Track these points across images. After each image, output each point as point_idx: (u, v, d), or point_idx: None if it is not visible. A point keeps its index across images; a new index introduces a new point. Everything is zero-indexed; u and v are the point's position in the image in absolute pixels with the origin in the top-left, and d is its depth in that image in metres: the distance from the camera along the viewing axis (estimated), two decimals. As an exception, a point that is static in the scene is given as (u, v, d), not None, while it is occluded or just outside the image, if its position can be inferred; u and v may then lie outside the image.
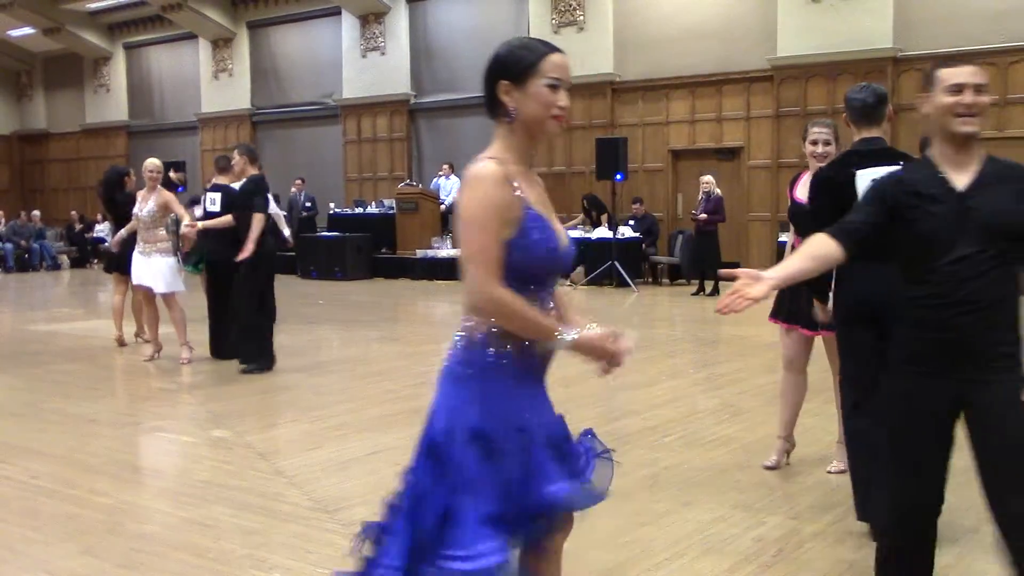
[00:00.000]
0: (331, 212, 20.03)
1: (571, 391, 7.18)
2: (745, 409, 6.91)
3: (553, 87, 2.43)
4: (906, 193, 2.86)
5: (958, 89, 2.80)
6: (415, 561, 2.35)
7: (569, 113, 2.52)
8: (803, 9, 15.79)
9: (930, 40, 14.83)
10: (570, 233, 3.30)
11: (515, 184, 2.39)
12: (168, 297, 8.85)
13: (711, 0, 16.94)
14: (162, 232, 8.92)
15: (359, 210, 19.67)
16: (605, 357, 2.51)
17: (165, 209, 8.88)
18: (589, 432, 2.69)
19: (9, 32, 26.30)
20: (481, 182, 2.35)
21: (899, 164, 3.96)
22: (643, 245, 16.48)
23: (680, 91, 17.31)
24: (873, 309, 3.90)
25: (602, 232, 16.24)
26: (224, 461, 5.87)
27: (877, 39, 15.19)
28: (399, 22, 20.82)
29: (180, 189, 21.45)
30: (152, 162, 9.08)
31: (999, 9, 14.37)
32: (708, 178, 14.98)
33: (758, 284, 2.72)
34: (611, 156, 15.51)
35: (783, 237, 15.37)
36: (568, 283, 15.88)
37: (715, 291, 14.59)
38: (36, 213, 23.37)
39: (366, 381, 7.92)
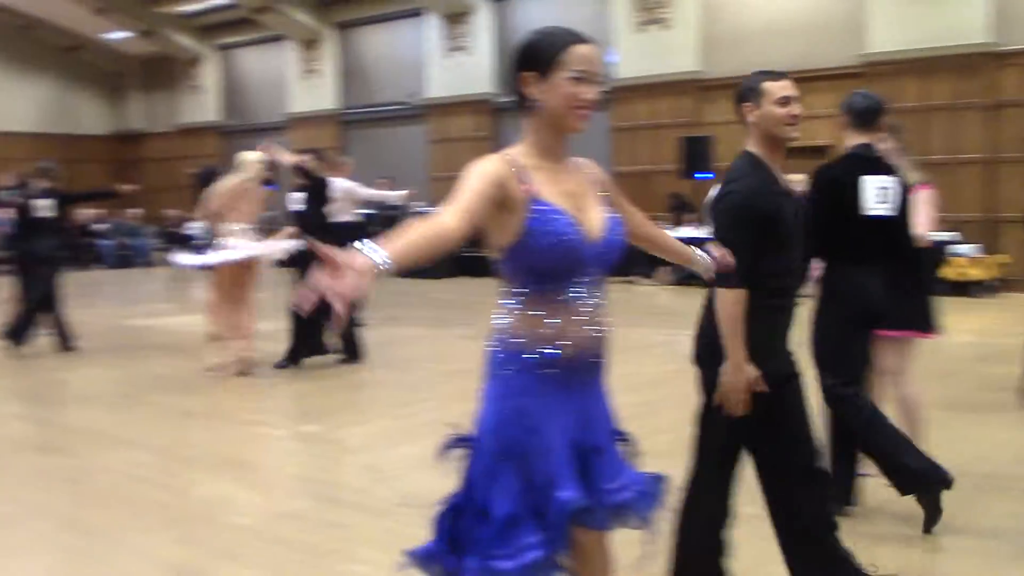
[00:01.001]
0: (417, 211, 20.22)
1: (659, 392, 7.15)
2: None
3: (578, 79, 2.35)
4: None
5: (786, 101, 3.23)
6: (458, 552, 2.37)
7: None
8: (895, 2, 15.39)
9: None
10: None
11: (518, 176, 2.35)
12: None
13: (800, -5, 16.66)
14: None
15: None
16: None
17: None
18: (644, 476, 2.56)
19: (107, 35, 27.17)
20: (472, 172, 2.35)
21: (893, 175, 4.26)
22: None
23: (767, 88, 17.03)
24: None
25: (688, 231, 16.09)
26: (314, 455, 5.99)
27: (974, 33, 14.73)
28: (482, 21, 20.91)
29: (273, 187, 21.94)
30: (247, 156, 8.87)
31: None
32: (797, 177, 14.69)
33: None
34: (696, 155, 15.36)
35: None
36: (654, 282, 15.81)
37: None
38: (134, 211, 24.05)
39: (453, 378, 7.98)
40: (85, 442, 6.18)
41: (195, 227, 25.52)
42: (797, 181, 15.88)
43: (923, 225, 4.71)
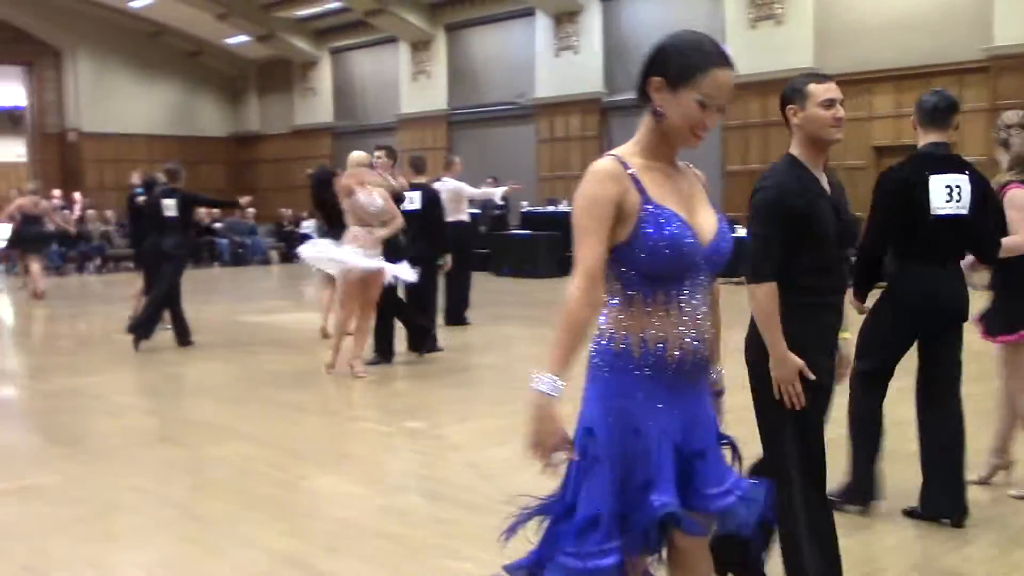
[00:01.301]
0: (523, 210, 20.30)
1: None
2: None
3: (704, 105, 2.31)
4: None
5: (831, 103, 3.23)
6: (548, 550, 2.39)
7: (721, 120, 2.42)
8: (1023, -6, 14.77)
9: None
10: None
11: (632, 178, 2.33)
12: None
13: (919, -12, 16.13)
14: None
15: (551, 208, 19.84)
16: (540, 446, 2.33)
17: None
18: (747, 479, 2.54)
19: (226, 40, 28.06)
20: (588, 180, 2.35)
21: (965, 172, 4.18)
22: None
23: (884, 85, 16.55)
24: None
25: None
26: (419, 452, 6.06)
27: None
28: (593, 21, 20.85)
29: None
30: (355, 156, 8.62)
31: None
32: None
33: None
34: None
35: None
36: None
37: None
38: (251, 210, 24.77)
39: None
40: (201, 434, 6.39)
41: (308, 226, 26.20)
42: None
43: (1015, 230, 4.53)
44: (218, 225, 23.78)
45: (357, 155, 8.51)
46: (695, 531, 2.40)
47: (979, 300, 4.72)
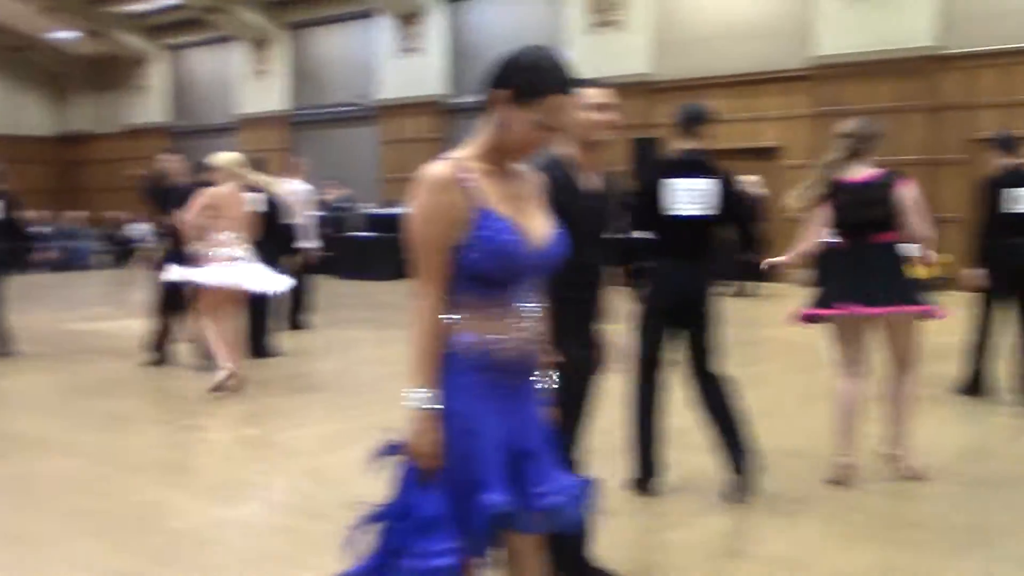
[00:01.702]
0: (366, 212, 20.13)
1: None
2: (778, 411, 6.84)
3: (542, 126, 2.36)
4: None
5: (600, 107, 3.41)
6: (387, 554, 2.39)
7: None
8: (841, 7, 15.61)
9: (971, 38, 14.62)
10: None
11: (469, 184, 2.35)
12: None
13: (749, -1, 16.84)
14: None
15: (394, 210, 19.73)
16: (425, 461, 2.35)
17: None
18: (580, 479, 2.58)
19: (52, 35, 26.72)
20: (421, 187, 2.35)
21: (714, 177, 4.67)
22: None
23: (717, 90, 17.18)
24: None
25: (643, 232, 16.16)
26: (256, 459, 5.91)
27: (917, 37, 14.99)
28: (437, 22, 20.88)
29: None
30: (218, 158, 7.96)
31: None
32: (751, 179, 14.89)
33: None
34: (647, 156, 15.43)
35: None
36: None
37: (752, 292, 14.52)
38: (78, 214, 23.67)
39: (397, 381, 7.92)
40: (21, 448, 6.04)
41: (139, 230, 25.23)
42: (751, 182, 16.03)
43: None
44: (46, 229, 22.62)
45: (229, 156, 7.99)
46: (527, 530, 2.42)
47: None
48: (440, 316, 2.35)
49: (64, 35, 26.47)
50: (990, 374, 7.13)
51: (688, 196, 4.66)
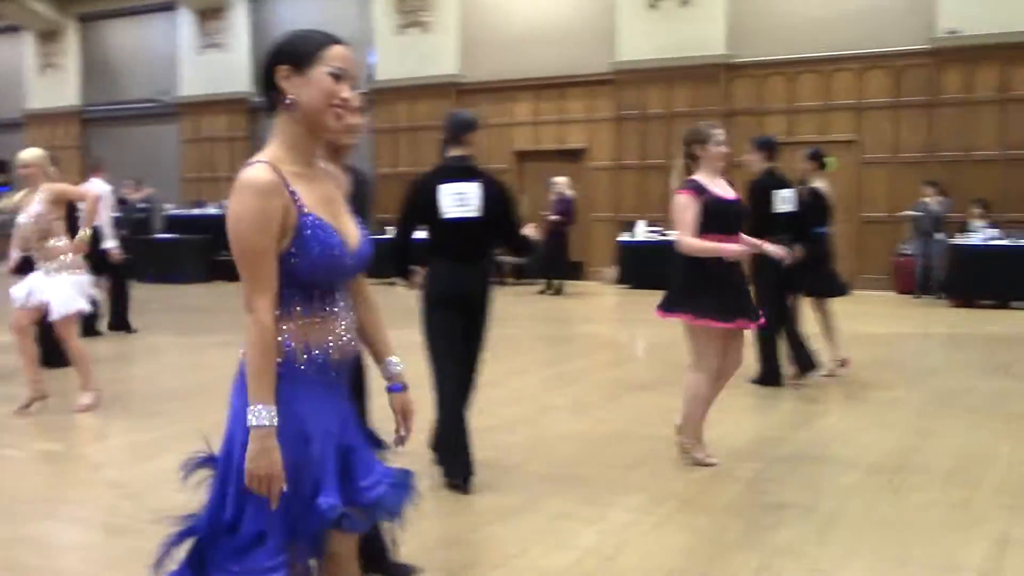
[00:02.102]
0: (168, 213, 19.37)
1: (413, 394, 7.18)
2: (591, 405, 7.06)
3: (336, 76, 2.31)
4: None
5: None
6: (202, 566, 2.34)
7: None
8: (641, 15, 16.24)
9: (760, 48, 15.53)
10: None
11: (288, 188, 2.29)
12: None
13: (555, 3, 17.23)
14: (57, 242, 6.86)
15: (197, 211, 19.10)
16: (263, 480, 2.25)
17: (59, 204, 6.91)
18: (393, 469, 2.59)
19: None
20: (246, 193, 2.25)
21: (478, 180, 4.94)
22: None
23: (525, 93, 17.53)
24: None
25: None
26: (54, 475, 5.61)
27: (711, 46, 15.79)
28: (239, 19, 20.35)
29: (4, 189, 20.39)
30: (25, 155, 6.98)
31: (825, 18, 15.16)
32: (561, 180, 15.26)
33: None
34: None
35: (623, 236, 15.82)
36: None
37: (560, 290, 14.90)
38: None
39: (205, 387, 7.69)
40: None
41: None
42: (561, 183, 16.42)
43: None
44: None
45: (37, 152, 7.05)
46: (353, 528, 2.43)
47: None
48: (273, 328, 2.27)
49: None
50: (781, 365, 7.60)
51: (457, 199, 4.92)
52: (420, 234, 5.01)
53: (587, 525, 4.40)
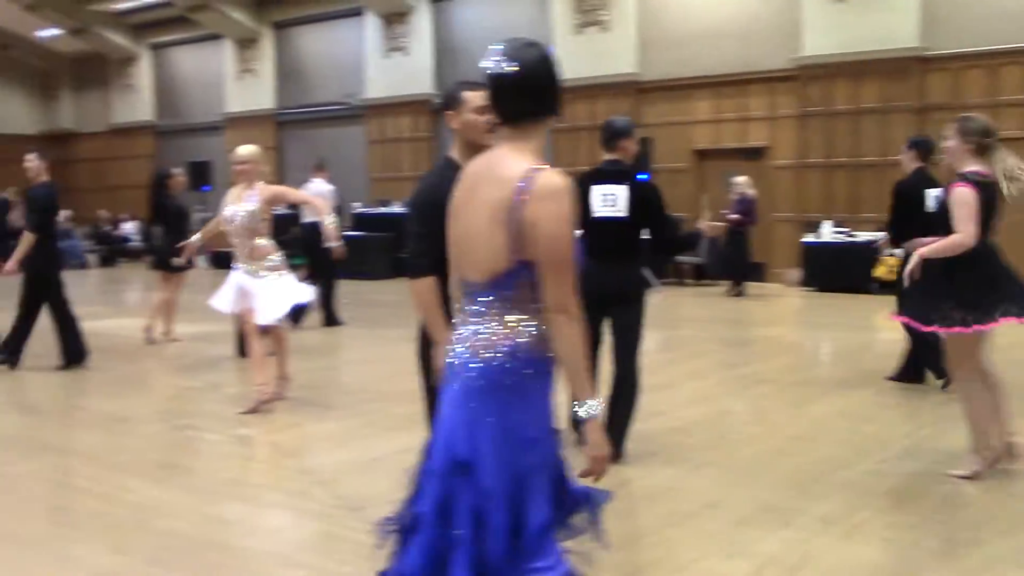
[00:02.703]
0: (355, 211, 20.10)
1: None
2: (772, 409, 6.89)
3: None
4: None
5: (484, 109, 3.35)
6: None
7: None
8: (827, 8, 15.68)
9: (956, 39, 14.71)
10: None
11: None
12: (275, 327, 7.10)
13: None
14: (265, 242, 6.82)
15: (383, 209, 19.73)
16: (602, 461, 2.52)
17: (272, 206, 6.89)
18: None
19: (37, 33, 26.57)
20: (566, 197, 2.41)
21: (627, 183, 5.27)
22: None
23: (704, 91, 17.24)
24: None
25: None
26: (250, 459, 5.92)
27: (902, 38, 15.07)
28: (422, 22, 20.86)
29: (205, 188, 21.67)
30: (242, 151, 6.90)
31: (1027, 8, 14.25)
32: (742, 179, 14.96)
33: None
34: (639, 155, 15.46)
35: (807, 237, 15.32)
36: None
37: (743, 292, 14.60)
38: (64, 212, 23.49)
39: (391, 380, 7.93)
40: (15, 449, 6.03)
41: (128, 228, 25.14)
42: (742, 182, 16.04)
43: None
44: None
45: (255, 149, 7.02)
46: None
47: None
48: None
49: (50, 33, 26.32)
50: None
51: (606, 200, 5.28)
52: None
53: (769, 532, 4.29)
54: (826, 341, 10.56)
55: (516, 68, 2.45)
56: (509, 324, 2.44)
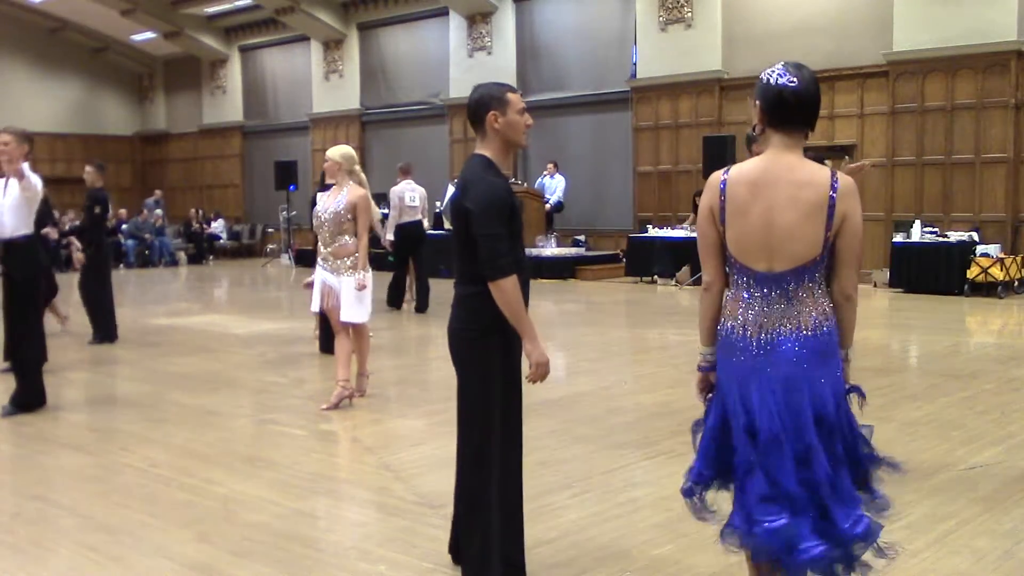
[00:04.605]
0: (437, 211, 20.25)
1: (678, 392, 7.09)
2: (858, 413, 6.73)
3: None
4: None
5: (525, 111, 3.58)
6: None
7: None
8: (921, 1, 15.26)
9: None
10: (678, 233, 3.54)
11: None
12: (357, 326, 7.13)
13: (823, -6, 16.56)
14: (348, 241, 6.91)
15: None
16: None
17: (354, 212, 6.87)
18: None
19: (132, 36, 27.39)
20: (858, 195, 2.92)
21: None
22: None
23: (790, 88, 16.93)
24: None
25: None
26: (332, 454, 6.01)
27: (1000, 31, 14.59)
28: (506, 21, 20.92)
29: (291, 188, 22.05)
30: (335, 151, 7.05)
31: None
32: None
33: None
34: (719, 154, 15.27)
35: (897, 238, 14.92)
36: (674, 283, 15.74)
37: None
38: (158, 212, 24.18)
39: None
40: (107, 441, 6.23)
41: (216, 227, 25.76)
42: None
43: None
44: (124, 226, 23.19)
45: (343, 150, 7.11)
46: None
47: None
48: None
49: (143, 36, 27.11)
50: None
51: None
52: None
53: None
54: (914, 344, 10.29)
55: (795, 82, 2.84)
56: (820, 303, 2.88)
